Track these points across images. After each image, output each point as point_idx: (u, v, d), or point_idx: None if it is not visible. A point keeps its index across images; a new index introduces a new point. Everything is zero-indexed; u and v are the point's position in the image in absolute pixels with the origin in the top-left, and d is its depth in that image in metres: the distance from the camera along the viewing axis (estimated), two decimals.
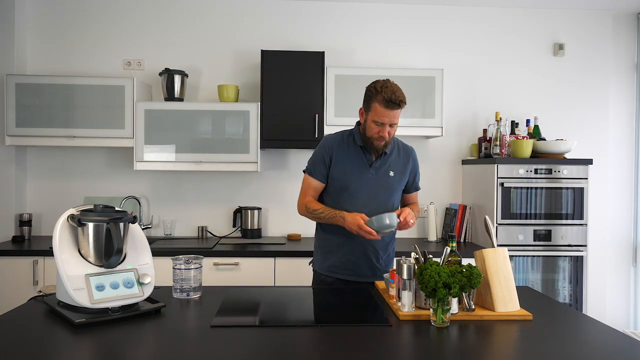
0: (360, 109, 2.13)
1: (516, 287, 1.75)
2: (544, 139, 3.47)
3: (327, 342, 1.44)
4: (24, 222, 3.35)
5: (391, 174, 2.15)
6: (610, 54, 3.76)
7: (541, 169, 3.22)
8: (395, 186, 2.18)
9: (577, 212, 3.22)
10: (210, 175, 3.62)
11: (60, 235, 1.61)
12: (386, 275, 1.91)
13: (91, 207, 1.67)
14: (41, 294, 1.84)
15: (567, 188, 3.23)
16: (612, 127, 3.78)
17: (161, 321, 1.59)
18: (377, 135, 2.04)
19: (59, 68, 3.56)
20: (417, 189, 2.32)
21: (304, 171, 2.24)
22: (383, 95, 1.98)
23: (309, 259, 3.06)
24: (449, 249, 1.72)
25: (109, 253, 1.63)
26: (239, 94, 3.50)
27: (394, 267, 2.18)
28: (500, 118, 3.38)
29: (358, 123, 2.19)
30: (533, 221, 3.21)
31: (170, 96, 3.38)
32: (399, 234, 3.67)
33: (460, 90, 3.70)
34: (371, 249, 2.15)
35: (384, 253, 2.21)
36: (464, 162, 3.69)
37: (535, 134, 3.48)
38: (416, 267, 1.64)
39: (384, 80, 2.07)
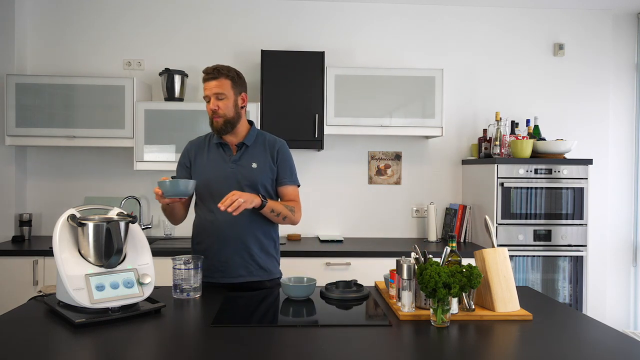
0: None
1: (516, 287, 1.75)
2: (544, 139, 3.47)
3: (327, 342, 1.44)
4: (24, 222, 3.35)
5: (254, 165, 2.07)
6: (610, 54, 3.76)
7: (541, 169, 3.22)
8: (258, 178, 2.06)
9: (577, 212, 3.22)
10: None
11: (60, 235, 1.61)
12: (386, 275, 1.91)
13: (91, 207, 1.67)
14: (41, 294, 1.84)
15: (567, 188, 3.23)
16: (612, 127, 3.78)
17: (161, 321, 1.59)
18: (210, 112, 2.04)
19: (59, 68, 3.56)
20: (292, 182, 2.13)
21: None
22: (203, 72, 2.04)
23: (309, 259, 3.09)
24: (449, 249, 1.71)
25: (109, 253, 1.63)
26: None
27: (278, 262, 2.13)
28: (500, 118, 3.38)
29: None
30: (533, 221, 3.21)
31: (170, 96, 3.38)
32: (396, 234, 3.69)
33: (460, 90, 3.70)
34: (241, 245, 2.04)
35: (259, 249, 2.08)
36: (464, 162, 3.69)
37: (535, 134, 3.48)
38: (416, 267, 1.64)
39: None
